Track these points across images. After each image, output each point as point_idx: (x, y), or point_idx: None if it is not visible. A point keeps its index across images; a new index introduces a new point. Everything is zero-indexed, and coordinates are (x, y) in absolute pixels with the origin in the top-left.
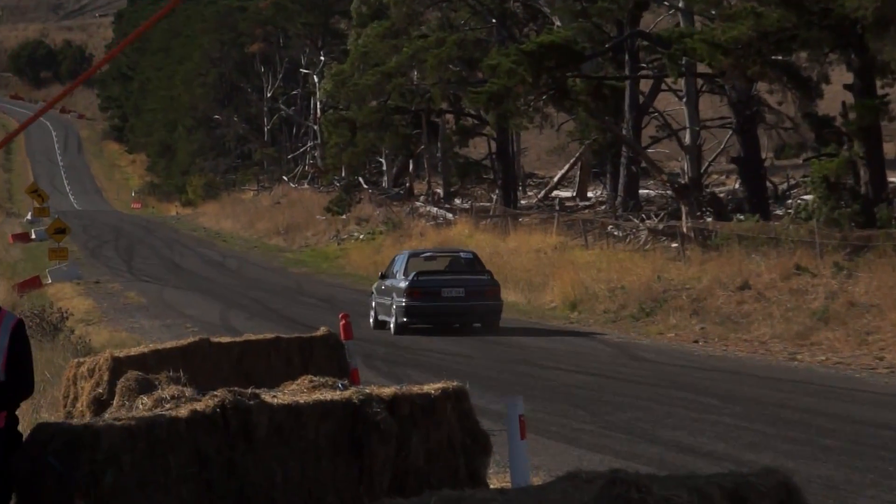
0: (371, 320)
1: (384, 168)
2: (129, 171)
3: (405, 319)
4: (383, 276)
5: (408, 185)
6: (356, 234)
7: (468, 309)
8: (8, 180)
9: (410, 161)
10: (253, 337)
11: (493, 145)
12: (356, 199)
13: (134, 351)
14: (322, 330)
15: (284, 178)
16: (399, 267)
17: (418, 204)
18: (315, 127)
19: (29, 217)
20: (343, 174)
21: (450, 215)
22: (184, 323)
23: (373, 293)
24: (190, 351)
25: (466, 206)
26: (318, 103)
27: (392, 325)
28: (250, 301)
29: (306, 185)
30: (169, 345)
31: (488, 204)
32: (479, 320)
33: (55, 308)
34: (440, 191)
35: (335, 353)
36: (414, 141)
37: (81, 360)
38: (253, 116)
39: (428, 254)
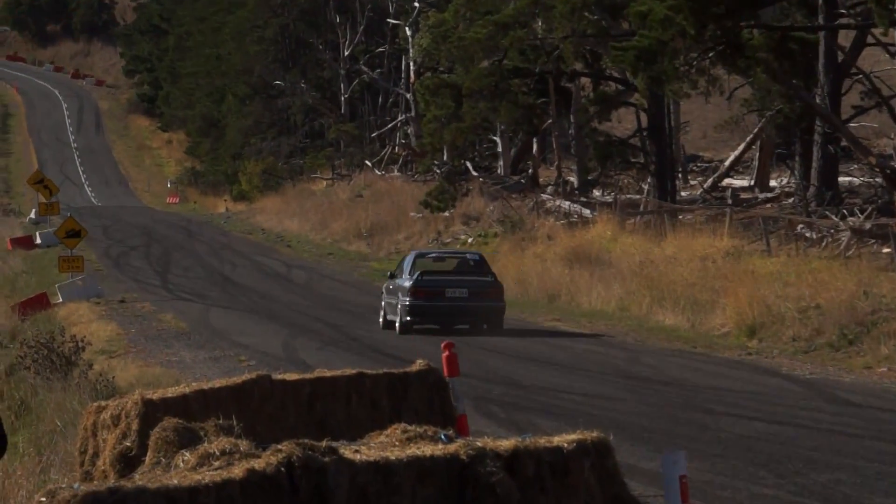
0: (381, 320)
1: (499, 149)
2: (164, 155)
3: (409, 318)
4: (392, 276)
5: (531, 171)
6: (463, 236)
7: (471, 309)
8: (5, 167)
9: (534, 140)
10: (328, 373)
11: (644, 119)
12: (462, 190)
13: (172, 392)
14: (419, 364)
15: (368, 163)
16: (406, 267)
17: (545, 197)
18: (408, 96)
19: (33, 216)
20: (445, 157)
21: (586, 211)
22: (237, 354)
23: (383, 293)
24: (245, 391)
25: (608, 198)
26: (412, 64)
27: (397, 325)
28: (324, 326)
29: (396, 173)
30: (218, 383)
31: (637, 196)
32: (482, 321)
33: (68, 335)
34: (573, 179)
35: (436, 393)
36: (539, 113)
37: (103, 403)
38: (326, 82)
39: (435, 254)
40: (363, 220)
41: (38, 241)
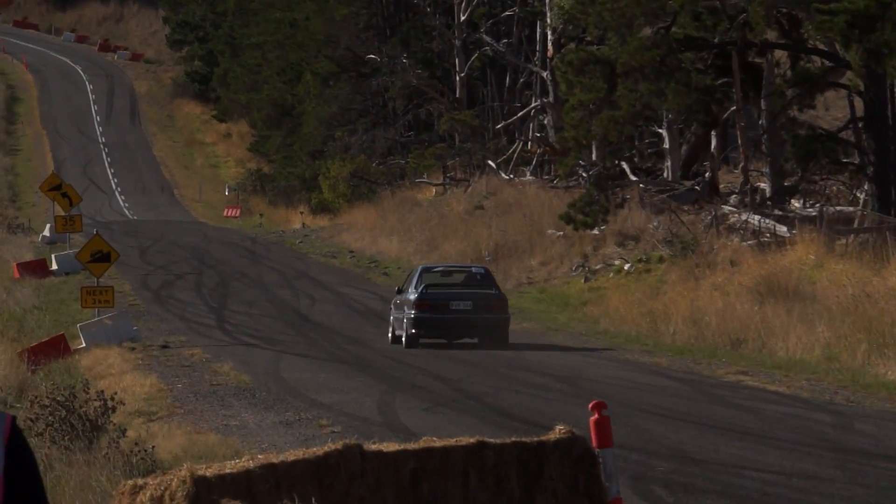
0: (389, 336)
1: (666, 146)
2: (220, 153)
3: (414, 331)
4: (400, 291)
5: (708, 175)
6: (618, 261)
7: (475, 322)
8: (11, 169)
9: (712, 133)
10: (438, 443)
11: (859, 105)
12: (617, 200)
13: (231, 467)
14: (559, 431)
15: (491, 163)
16: (413, 281)
17: (727, 209)
18: (544, 74)
19: (47, 233)
20: (594, 157)
21: (782, 228)
22: (317, 418)
23: (391, 308)
24: (328, 467)
25: (812, 211)
26: (550, 33)
27: (403, 339)
28: (432, 379)
29: (529, 177)
30: (291, 456)
31: (851, 209)
32: (486, 333)
33: (93, 391)
34: (765, 186)
35: (582, 470)
36: (718, 98)
37: (140, 482)
38: (436, 56)
39: (441, 268)
40: (485, 239)
41: (54, 266)
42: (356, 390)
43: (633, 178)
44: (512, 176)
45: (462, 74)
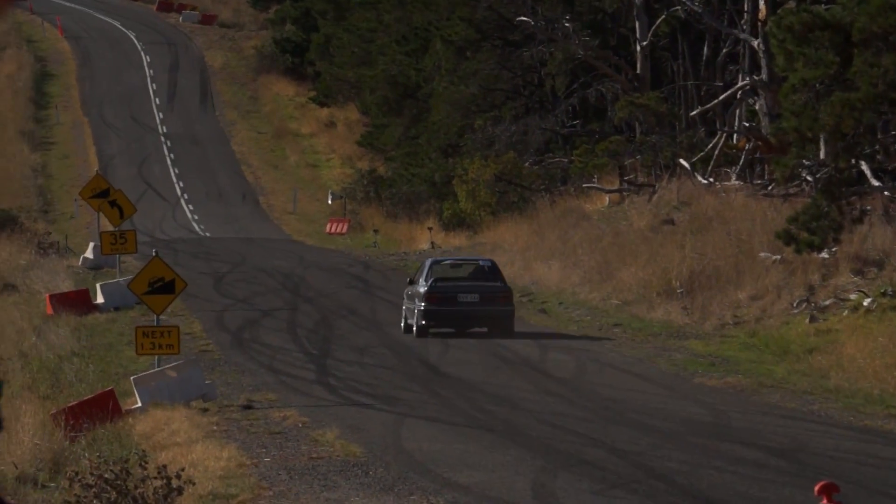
0: (402, 325)
1: None
2: (321, 149)
3: (423, 322)
4: (411, 282)
5: None
6: (854, 295)
7: (482, 313)
8: (41, 168)
9: None
10: None
11: None
12: (854, 212)
13: None
14: None
15: (683, 162)
16: (423, 273)
17: None
18: (755, 43)
19: (90, 255)
20: (822, 154)
21: None
22: (451, 503)
23: (404, 298)
24: None
25: None
26: None
27: (414, 328)
28: (603, 452)
29: (734, 181)
30: None
31: None
32: (492, 325)
33: (152, 467)
34: None
35: None
36: None
37: None
38: (609, 20)
39: (451, 261)
40: (676, 265)
41: (100, 299)
42: (504, 467)
43: (876, 182)
44: (712, 180)
45: (644, 43)
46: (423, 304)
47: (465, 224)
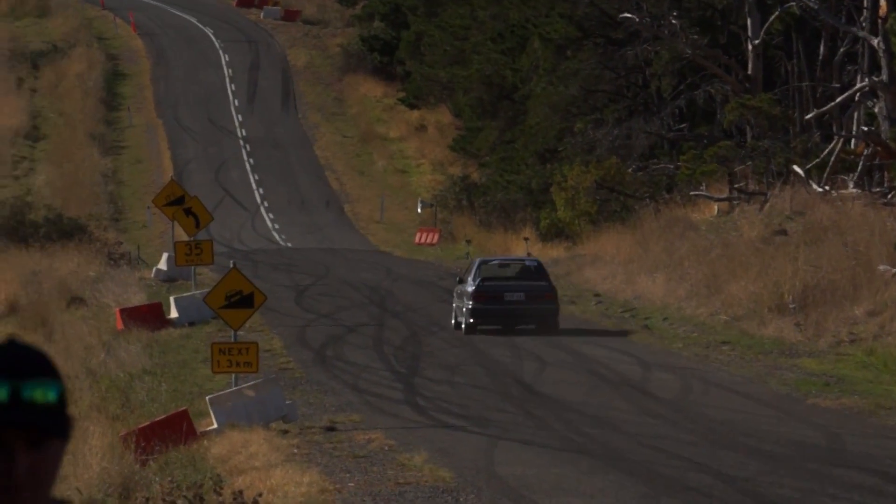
0: (452, 322)
1: None
2: (411, 153)
3: (472, 321)
4: (461, 281)
5: None
6: None
7: (528, 311)
8: (111, 173)
9: None
10: None
11: None
12: None
13: None
14: None
15: (798, 169)
16: (472, 272)
17: None
18: (875, 42)
19: (163, 266)
20: None
21: None
22: None
23: (454, 296)
24: None
25: None
26: None
27: (463, 326)
28: (709, 477)
29: (853, 189)
30: None
31: None
32: (538, 322)
33: (228, 492)
34: None
35: None
36: None
37: None
38: (719, 16)
39: (498, 261)
40: (788, 279)
41: (174, 313)
42: (603, 493)
43: None
44: (828, 188)
45: (756, 42)
46: (470, 302)
47: (563, 234)
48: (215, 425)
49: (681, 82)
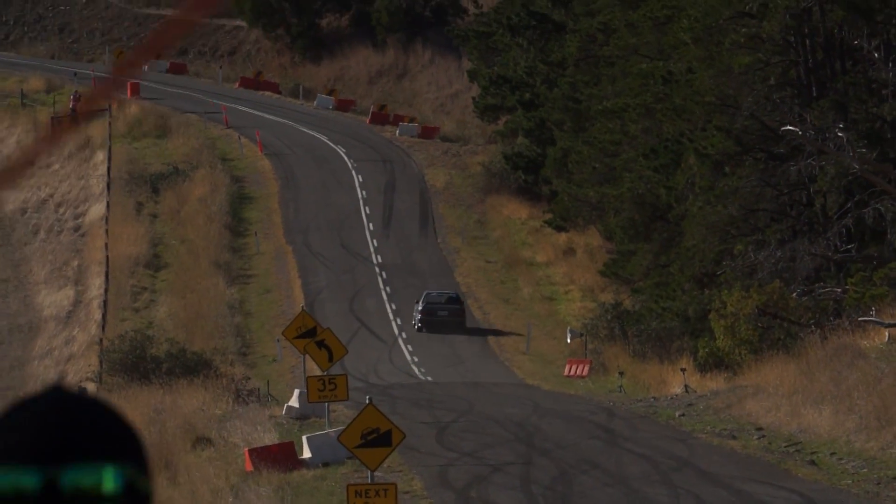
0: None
1: None
2: (559, 279)
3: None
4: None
5: None
6: None
7: (447, 318)
8: (238, 304)
9: None
10: None
11: None
12: None
13: None
14: None
15: None
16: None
17: None
18: None
19: (295, 403)
20: None
21: None
22: None
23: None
24: None
25: None
26: None
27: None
28: None
29: None
30: None
31: None
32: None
33: None
34: None
35: None
36: None
37: None
38: (888, 129)
39: (435, 294)
40: None
41: (307, 453)
42: None
43: None
44: None
45: None
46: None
47: (722, 364)
48: None
49: (848, 199)
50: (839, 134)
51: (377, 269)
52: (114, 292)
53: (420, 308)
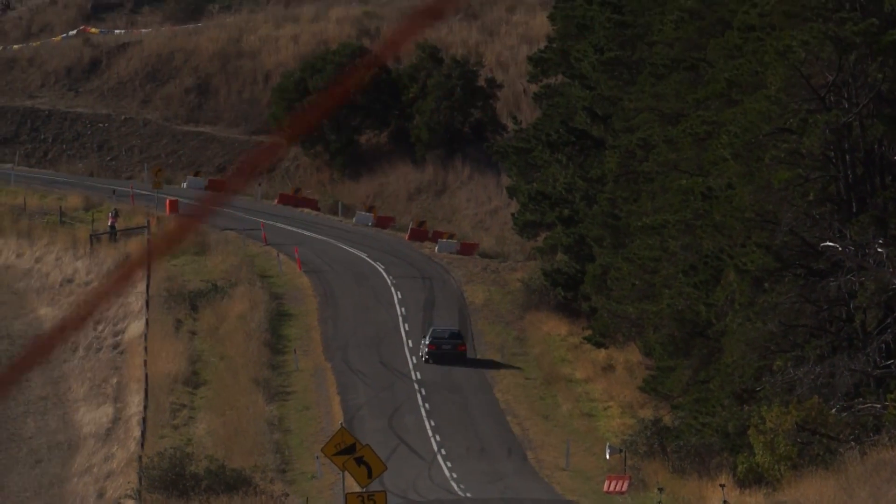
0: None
1: None
2: (598, 395)
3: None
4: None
5: None
6: None
7: (451, 351)
8: (277, 421)
9: None
10: None
11: None
12: None
13: None
14: None
15: None
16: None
17: None
18: None
19: None
20: None
21: None
22: None
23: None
24: None
25: None
26: None
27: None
28: None
29: None
30: None
31: None
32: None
33: None
34: None
35: None
36: None
37: None
38: None
39: (440, 329)
40: None
41: None
42: None
43: None
44: None
45: None
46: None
47: (762, 480)
48: None
49: (887, 315)
50: (879, 249)
51: (416, 386)
52: (153, 409)
53: (426, 342)
